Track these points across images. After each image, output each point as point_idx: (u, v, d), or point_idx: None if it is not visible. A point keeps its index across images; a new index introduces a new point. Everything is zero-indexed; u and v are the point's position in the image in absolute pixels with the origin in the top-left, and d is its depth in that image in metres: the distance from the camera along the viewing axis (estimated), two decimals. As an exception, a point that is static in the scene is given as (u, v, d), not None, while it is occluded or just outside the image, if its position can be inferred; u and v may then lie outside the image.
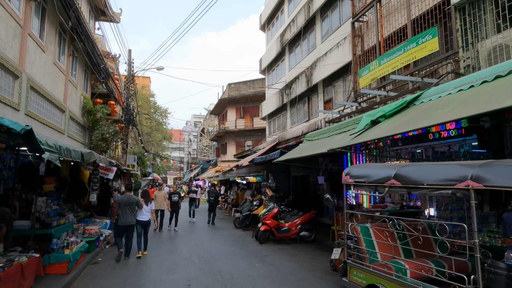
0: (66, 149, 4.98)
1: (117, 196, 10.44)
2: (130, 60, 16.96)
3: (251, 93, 31.05)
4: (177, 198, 13.25)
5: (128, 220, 8.55)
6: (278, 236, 10.13)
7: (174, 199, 13.22)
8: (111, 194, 10.82)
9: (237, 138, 31.87)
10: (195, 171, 40.59)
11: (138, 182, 19.45)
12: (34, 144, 3.79)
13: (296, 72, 17.17)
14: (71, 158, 5.27)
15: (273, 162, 10.20)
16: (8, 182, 8.64)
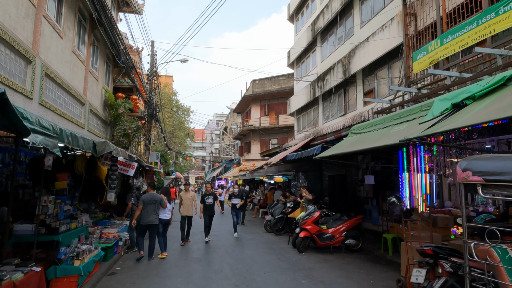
0: (70, 134, 3.78)
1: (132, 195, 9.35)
2: (153, 52, 15.94)
3: (276, 89, 29.67)
4: (213, 200, 10.38)
5: (151, 219, 7.91)
6: (320, 244, 8.69)
7: (208, 201, 10.31)
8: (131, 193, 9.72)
9: (261, 136, 30.55)
10: (217, 170, 39.58)
11: (161, 181, 18.45)
12: (11, 117, 2.59)
13: (330, 63, 15.64)
14: (78, 147, 4.07)
15: (314, 158, 8.78)
16: (19, 178, 7.65)
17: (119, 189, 9.90)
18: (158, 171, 16.22)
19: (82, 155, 7.58)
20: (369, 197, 11.99)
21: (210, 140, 54.04)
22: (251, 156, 30.49)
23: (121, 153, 6.22)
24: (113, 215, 10.22)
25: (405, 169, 8.29)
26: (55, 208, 5.71)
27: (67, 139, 3.68)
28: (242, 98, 32.53)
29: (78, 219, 6.19)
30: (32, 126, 2.90)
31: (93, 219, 8.40)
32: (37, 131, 2.97)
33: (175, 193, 16.66)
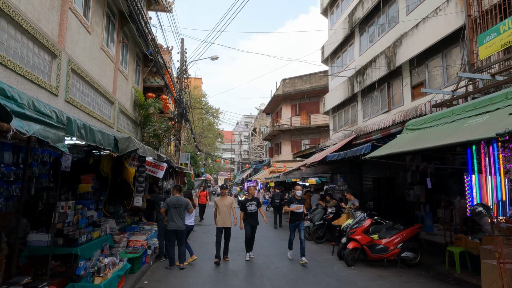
0: (83, 126, 2.97)
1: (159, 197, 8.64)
2: (183, 49, 15.32)
3: (307, 88, 28.47)
4: (256, 207, 8.28)
5: (177, 225, 7.20)
6: (372, 257, 7.51)
7: (251, 209, 8.17)
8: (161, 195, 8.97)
9: (292, 137, 29.43)
10: (247, 172, 38.81)
11: (191, 183, 17.82)
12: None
13: (371, 55, 14.33)
14: (94, 143, 3.26)
15: (364, 158, 7.65)
16: (42, 180, 7.08)
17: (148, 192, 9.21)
18: (188, 172, 15.58)
19: (108, 155, 6.91)
20: (421, 202, 10.62)
21: (239, 141, 53.51)
22: (282, 157, 29.43)
23: (148, 152, 5.43)
24: (142, 219, 9.54)
25: (475, 170, 6.99)
26: (76, 215, 4.98)
27: (79, 132, 2.87)
28: (272, 98, 31.57)
29: (102, 226, 5.45)
30: (21, 109, 2.07)
31: (120, 224, 7.72)
32: (29, 117, 2.15)
33: (206, 197, 15.99)
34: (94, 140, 3.23)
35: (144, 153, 5.02)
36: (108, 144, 3.66)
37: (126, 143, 4.10)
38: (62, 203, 4.57)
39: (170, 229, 7.17)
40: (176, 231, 7.19)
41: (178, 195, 7.43)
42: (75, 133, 2.78)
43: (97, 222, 5.45)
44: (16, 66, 6.02)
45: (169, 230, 7.19)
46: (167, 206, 7.23)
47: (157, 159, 6.69)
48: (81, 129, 2.92)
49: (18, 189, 6.08)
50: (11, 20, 5.99)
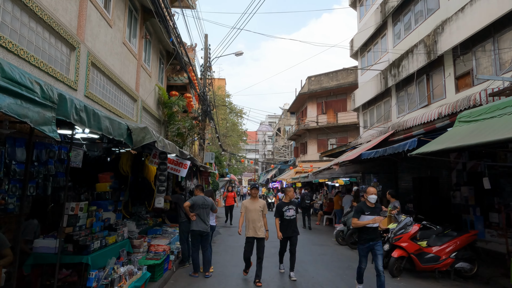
0: (84, 108, 2.31)
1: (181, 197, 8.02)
2: (206, 45, 14.79)
3: (334, 86, 27.35)
4: (295, 213, 6.81)
5: (203, 226, 6.55)
6: (421, 267, 6.55)
7: (289, 215, 6.68)
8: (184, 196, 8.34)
9: (318, 136, 28.39)
10: (271, 172, 38.02)
11: (216, 183, 17.25)
12: None
13: (407, 46, 13.20)
14: (100, 132, 2.62)
15: (410, 155, 6.71)
16: (59, 179, 6.63)
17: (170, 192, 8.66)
18: (213, 172, 15.02)
19: (128, 152, 6.36)
20: (470, 205, 9.46)
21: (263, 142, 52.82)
22: (308, 157, 28.45)
23: (169, 147, 4.80)
24: (166, 221, 9.00)
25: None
26: (89, 217, 4.41)
27: (77, 115, 2.22)
28: (297, 96, 30.66)
29: (119, 230, 4.86)
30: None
31: (141, 226, 7.16)
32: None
33: (234, 198, 14.62)
34: (100, 128, 2.59)
35: (164, 148, 4.38)
36: (119, 134, 3.02)
37: (141, 134, 3.45)
38: (72, 204, 4.00)
39: (195, 230, 6.53)
40: (201, 234, 6.54)
41: (202, 195, 6.81)
42: (71, 116, 2.14)
43: (114, 226, 4.87)
44: (30, 56, 5.56)
45: (194, 233, 6.55)
46: (193, 207, 6.59)
47: (180, 156, 6.07)
48: (81, 111, 2.28)
49: (32, 188, 5.63)
50: (24, 7, 5.53)
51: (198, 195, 6.77)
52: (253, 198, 6.60)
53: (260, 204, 6.54)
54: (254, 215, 6.38)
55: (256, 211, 6.42)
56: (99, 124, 2.59)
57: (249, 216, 6.42)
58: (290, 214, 6.72)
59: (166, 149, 4.51)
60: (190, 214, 6.52)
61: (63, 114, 2.08)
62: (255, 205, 6.50)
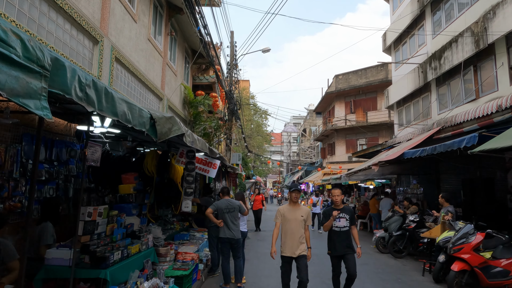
0: (93, 85, 1.68)
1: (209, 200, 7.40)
2: (232, 42, 14.25)
3: (363, 83, 26.14)
4: (348, 224, 5.17)
5: (232, 233, 5.81)
6: (487, 283, 5.57)
7: (339, 225, 5.14)
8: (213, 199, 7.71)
9: (347, 136, 27.24)
10: (297, 174, 37.07)
11: (243, 184, 16.64)
12: None
13: (449, 35, 12.06)
14: (115, 117, 2.00)
15: (471, 153, 5.78)
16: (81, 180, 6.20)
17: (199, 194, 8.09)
18: (240, 173, 14.42)
19: (153, 151, 5.82)
20: (533, 210, 8.30)
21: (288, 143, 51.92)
22: (336, 158, 27.36)
23: (198, 144, 4.17)
24: (193, 225, 8.43)
25: None
26: (110, 223, 3.85)
27: (81, 90, 1.58)
28: (323, 95, 29.66)
29: (143, 238, 4.28)
30: None
31: (168, 231, 6.61)
32: None
33: (262, 202, 13.35)
34: (115, 113, 1.97)
35: (193, 143, 3.76)
36: (140, 123, 2.41)
37: (167, 125, 2.81)
38: (90, 208, 3.44)
39: (223, 238, 5.86)
40: (230, 241, 5.86)
41: (227, 198, 6.12)
42: (72, 91, 1.53)
43: (137, 233, 4.29)
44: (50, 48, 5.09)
45: (222, 240, 5.89)
46: (215, 209, 5.87)
47: (209, 155, 5.45)
48: (88, 87, 1.65)
49: (52, 190, 5.19)
50: (43, -5, 5.09)
51: (222, 198, 6.09)
52: (293, 203, 4.99)
53: (302, 212, 4.88)
54: (294, 226, 4.77)
55: (297, 222, 4.78)
56: (114, 107, 1.97)
57: (286, 227, 4.82)
58: (341, 225, 5.04)
59: (195, 145, 3.89)
60: (216, 221, 5.80)
61: (60, 87, 1.47)
62: (296, 214, 4.85)
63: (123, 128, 5.23)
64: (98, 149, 3.77)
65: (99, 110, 1.82)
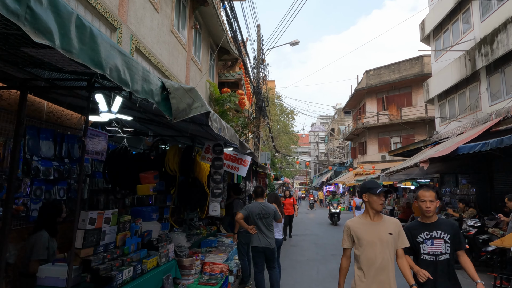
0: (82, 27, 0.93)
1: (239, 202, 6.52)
2: (259, 36, 13.45)
3: (396, 78, 24.58)
4: (449, 250, 2.85)
5: (268, 242, 4.99)
6: None
7: (433, 251, 2.83)
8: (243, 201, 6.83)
9: (379, 135, 25.73)
10: (326, 175, 35.70)
11: (272, 185, 15.75)
12: None
13: (503, 16, 10.63)
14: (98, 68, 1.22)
15: None
16: (97, 180, 5.56)
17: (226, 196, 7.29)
18: (269, 173, 13.56)
19: (175, 146, 5.08)
20: None
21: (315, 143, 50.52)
22: (368, 157, 25.89)
23: (227, 132, 3.35)
24: (221, 229, 7.65)
25: None
26: (121, 231, 3.10)
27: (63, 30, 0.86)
28: (353, 92, 28.27)
29: (162, 249, 3.50)
30: None
31: (194, 237, 5.85)
32: None
33: (293, 206, 11.10)
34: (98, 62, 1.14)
35: (220, 131, 2.94)
36: (146, 91, 1.61)
37: (186, 99, 1.95)
38: (92, 213, 2.69)
39: (256, 247, 5.00)
40: (265, 251, 5.00)
41: (261, 201, 5.25)
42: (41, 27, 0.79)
43: (155, 243, 3.51)
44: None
45: (255, 250, 5.05)
46: (246, 213, 5.02)
47: (239, 149, 4.62)
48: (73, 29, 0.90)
49: (62, 191, 4.55)
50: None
51: (256, 201, 5.25)
52: (373, 214, 2.84)
53: (389, 226, 2.80)
54: (379, 253, 2.71)
55: (383, 244, 2.72)
56: (96, 52, 1.17)
57: (368, 253, 2.74)
58: (436, 251, 2.85)
59: (223, 133, 3.06)
60: (247, 228, 4.96)
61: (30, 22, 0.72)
62: (379, 231, 2.77)
63: (141, 118, 4.51)
64: (102, 138, 3.03)
65: (62, 49, 1.02)
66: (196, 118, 2.69)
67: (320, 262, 7.94)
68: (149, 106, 2.60)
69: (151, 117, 4.13)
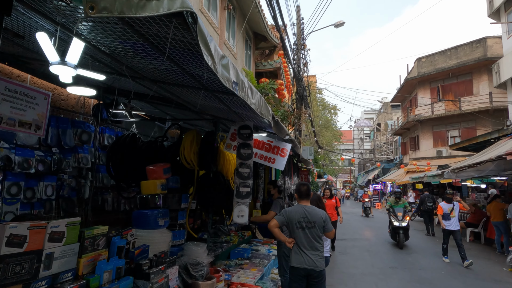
0: None
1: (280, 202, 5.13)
2: (299, 19, 12.02)
3: (453, 65, 21.73)
4: None
5: (312, 262, 3.43)
6: None
7: None
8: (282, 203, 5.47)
9: (434, 128, 23.01)
10: (373, 172, 33.15)
11: (315, 184, 14.22)
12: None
13: None
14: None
15: None
16: (102, 175, 4.55)
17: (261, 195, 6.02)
18: (311, 170, 12.09)
19: (192, 132, 3.91)
20: None
21: (359, 140, 47.70)
22: (421, 153, 23.27)
23: (252, 95, 2.05)
24: (257, 234, 6.41)
25: None
26: (88, 252, 1.96)
27: None
28: (403, 83, 25.67)
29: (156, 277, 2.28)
30: None
31: (222, 247, 4.66)
32: None
33: (336, 209, 8.46)
34: None
35: (236, 85, 1.66)
36: None
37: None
38: (17, 227, 1.56)
39: (296, 268, 3.49)
40: (308, 274, 3.46)
41: (306, 204, 3.67)
42: None
43: (146, 266, 2.33)
44: None
45: (294, 272, 3.53)
46: (284, 219, 3.55)
47: (275, 131, 3.28)
48: None
49: (51, 188, 3.56)
50: None
51: (299, 203, 3.69)
52: None
53: None
54: None
55: None
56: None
57: None
58: None
59: (241, 91, 1.78)
60: (284, 240, 3.52)
61: None
62: None
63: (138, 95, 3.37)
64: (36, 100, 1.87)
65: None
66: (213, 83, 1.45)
67: (377, 277, 6.39)
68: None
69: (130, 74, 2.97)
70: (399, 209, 9.52)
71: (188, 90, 2.84)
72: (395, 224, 9.36)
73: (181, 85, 2.66)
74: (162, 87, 2.79)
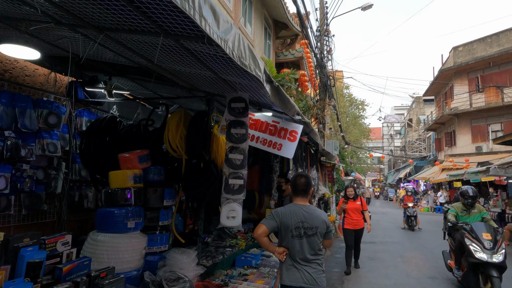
0: None
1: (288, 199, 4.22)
2: (322, 2, 10.99)
3: (495, 53, 19.72)
4: None
5: (310, 278, 2.45)
6: None
7: None
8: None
9: (472, 122, 21.03)
10: (404, 170, 31.20)
11: (341, 181, 13.10)
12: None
13: None
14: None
15: None
16: (77, 167, 3.87)
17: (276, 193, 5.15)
18: (337, 166, 11.03)
19: (179, 112, 3.12)
20: None
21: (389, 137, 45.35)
22: (458, 150, 21.37)
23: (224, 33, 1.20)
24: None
25: None
26: None
27: None
28: (437, 74, 23.77)
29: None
30: None
31: (225, 253, 3.85)
32: None
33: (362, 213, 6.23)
34: None
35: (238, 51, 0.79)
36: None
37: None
38: None
39: (289, 287, 2.51)
40: None
41: (304, 203, 2.64)
42: None
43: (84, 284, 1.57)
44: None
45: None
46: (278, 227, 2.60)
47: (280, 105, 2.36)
48: None
49: (4, 180, 2.90)
50: None
51: (294, 202, 2.66)
52: None
53: None
54: None
55: None
56: None
57: None
58: None
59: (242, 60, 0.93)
60: (272, 250, 2.64)
61: None
62: None
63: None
64: None
65: None
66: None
67: None
68: None
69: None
70: (480, 227, 4.71)
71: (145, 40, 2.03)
72: (479, 256, 4.42)
73: (134, 31, 1.86)
74: (110, 36, 2.00)
